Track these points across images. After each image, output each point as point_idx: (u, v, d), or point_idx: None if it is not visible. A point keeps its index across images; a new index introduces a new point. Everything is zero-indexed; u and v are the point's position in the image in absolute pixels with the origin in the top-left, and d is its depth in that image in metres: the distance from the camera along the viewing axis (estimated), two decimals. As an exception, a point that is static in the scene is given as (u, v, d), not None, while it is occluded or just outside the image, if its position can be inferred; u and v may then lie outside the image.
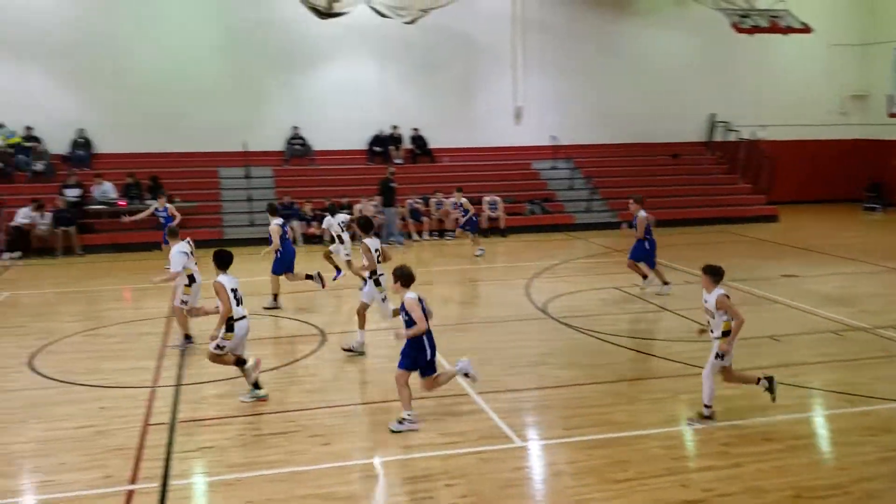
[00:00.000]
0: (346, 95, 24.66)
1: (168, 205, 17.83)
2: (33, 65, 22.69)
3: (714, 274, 7.93)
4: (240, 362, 8.82)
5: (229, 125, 23.53)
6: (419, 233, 21.93)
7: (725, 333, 7.86)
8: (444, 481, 6.85)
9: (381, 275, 10.46)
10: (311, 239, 21.16)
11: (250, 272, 15.71)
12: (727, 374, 8.09)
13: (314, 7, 21.16)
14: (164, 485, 6.84)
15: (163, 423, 8.19)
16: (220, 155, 23.63)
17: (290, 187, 22.75)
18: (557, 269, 17.28)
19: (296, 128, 24.46)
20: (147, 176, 21.73)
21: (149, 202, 20.86)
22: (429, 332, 7.95)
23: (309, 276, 13.59)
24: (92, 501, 6.58)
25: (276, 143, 24.43)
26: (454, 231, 21.97)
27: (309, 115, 24.49)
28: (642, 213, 14.08)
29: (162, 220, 17.77)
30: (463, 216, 19.62)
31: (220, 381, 9.55)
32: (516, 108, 26.39)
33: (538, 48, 26.23)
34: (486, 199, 22.67)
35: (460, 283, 16.30)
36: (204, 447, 7.62)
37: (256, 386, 8.83)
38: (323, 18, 21.98)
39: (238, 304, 8.74)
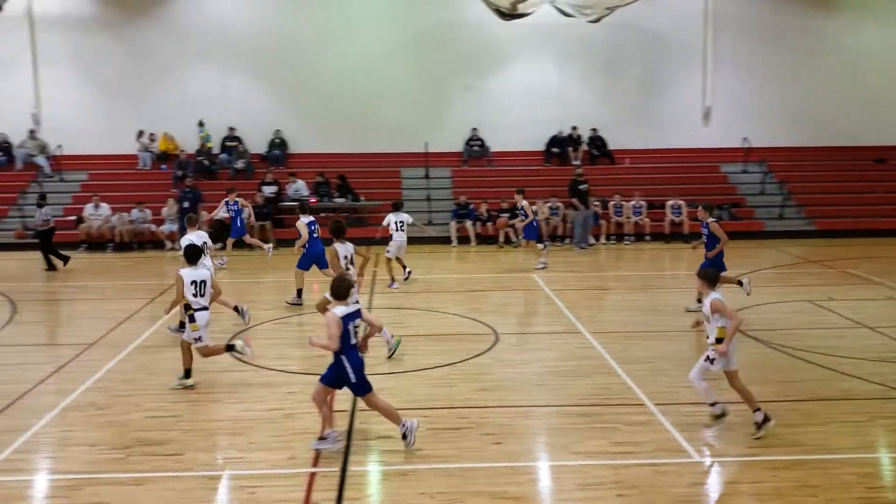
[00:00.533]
0: (525, 96, 24.75)
1: (238, 199, 18.53)
2: (235, 69, 24.54)
3: (707, 279, 7.92)
4: (229, 348, 9.63)
5: (412, 126, 24.25)
6: (596, 236, 21.55)
7: (719, 340, 7.72)
8: (616, 491, 6.68)
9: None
10: (485, 239, 21.42)
11: (444, 269, 16.20)
12: (732, 378, 7.92)
13: (498, 8, 21.34)
14: (344, 470, 7.14)
15: (344, 411, 8.55)
16: (402, 156, 24.41)
17: (466, 188, 23.11)
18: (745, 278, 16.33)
19: (475, 129, 24.82)
20: (335, 175, 22.85)
21: (337, 200, 21.99)
22: (350, 354, 7.28)
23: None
24: (277, 481, 6.99)
25: (456, 145, 24.89)
26: (632, 235, 21.48)
27: (488, 115, 24.79)
28: (711, 220, 13.03)
29: (232, 213, 18.55)
30: (523, 221, 17.35)
31: (396, 373, 9.88)
32: (705, 108, 25.34)
33: (731, 45, 25.03)
34: (670, 202, 21.91)
35: (638, 289, 15.85)
36: (381, 437, 7.87)
37: (187, 375, 9.50)
38: (506, 20, 22.14)
39: (197, 296, 9.28)
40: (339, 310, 7.22)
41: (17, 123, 24.05)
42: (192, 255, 9.49)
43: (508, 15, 21.67)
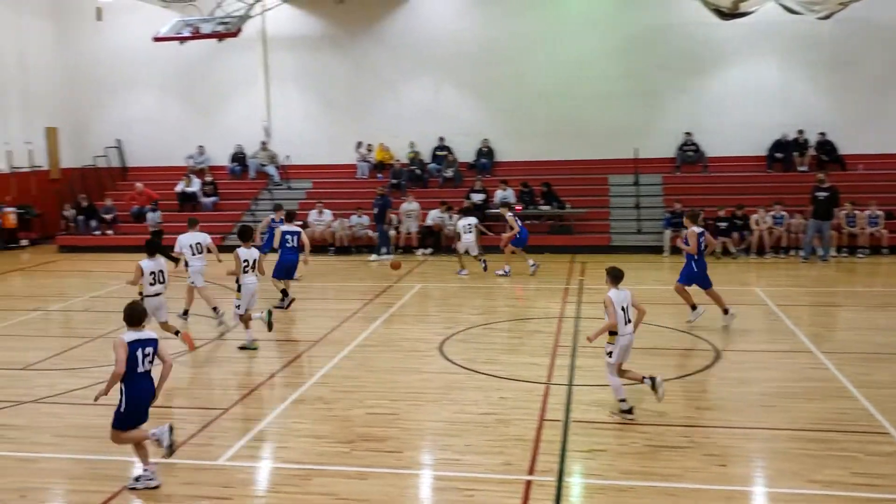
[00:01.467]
0: (745, 98, 23.42)
1: (283, 218, 16.85)
2: (446, 81, 25.21)
3: (609, 275, 8.47)
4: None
5: (621, 132, 23.70)
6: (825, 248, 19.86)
7: (612, 333, 8.29)
8: (861, 528, 6.07)
9: (247, 284, 11.50)
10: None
11: (656, 280, 15.72)
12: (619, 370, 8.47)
13: (717, 8, 20.34)
14: (560, 480, 7.02)
15: (557, 420, 8.45)
16: (610, 162, 23.92)
17: (679, 195, 22.15)
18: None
19: (688, 133, 23.83)
20: (540, 182, 22.81)
21: (542, 207, 21.97)
22: (130, 382, 6.81)
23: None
24: (493, 486, 6.99)
25: (667, 150, 24.03)
26: (867, 248, 19.67)
27: (703, 119, 23.73)
28: (694, 229, 12.23)
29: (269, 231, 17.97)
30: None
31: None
32: (953, 108, 22.71)
33: None
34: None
35: (875, 306, 14.43)
36: (596, 449, 7.69)
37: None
38: (726, 19, 21.03)
39: (155, 284, 10.80)
40: (128, 335, 6.92)
41: (251, 136, 26.23)
42: (152, 248, 11.00)
43: (729, 14, 20.57)
